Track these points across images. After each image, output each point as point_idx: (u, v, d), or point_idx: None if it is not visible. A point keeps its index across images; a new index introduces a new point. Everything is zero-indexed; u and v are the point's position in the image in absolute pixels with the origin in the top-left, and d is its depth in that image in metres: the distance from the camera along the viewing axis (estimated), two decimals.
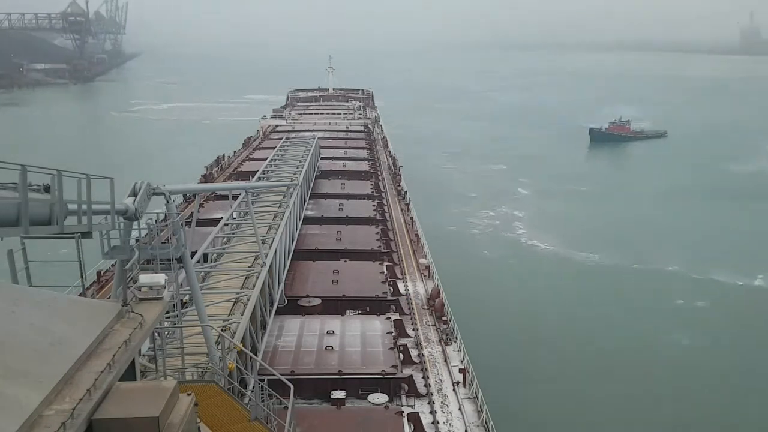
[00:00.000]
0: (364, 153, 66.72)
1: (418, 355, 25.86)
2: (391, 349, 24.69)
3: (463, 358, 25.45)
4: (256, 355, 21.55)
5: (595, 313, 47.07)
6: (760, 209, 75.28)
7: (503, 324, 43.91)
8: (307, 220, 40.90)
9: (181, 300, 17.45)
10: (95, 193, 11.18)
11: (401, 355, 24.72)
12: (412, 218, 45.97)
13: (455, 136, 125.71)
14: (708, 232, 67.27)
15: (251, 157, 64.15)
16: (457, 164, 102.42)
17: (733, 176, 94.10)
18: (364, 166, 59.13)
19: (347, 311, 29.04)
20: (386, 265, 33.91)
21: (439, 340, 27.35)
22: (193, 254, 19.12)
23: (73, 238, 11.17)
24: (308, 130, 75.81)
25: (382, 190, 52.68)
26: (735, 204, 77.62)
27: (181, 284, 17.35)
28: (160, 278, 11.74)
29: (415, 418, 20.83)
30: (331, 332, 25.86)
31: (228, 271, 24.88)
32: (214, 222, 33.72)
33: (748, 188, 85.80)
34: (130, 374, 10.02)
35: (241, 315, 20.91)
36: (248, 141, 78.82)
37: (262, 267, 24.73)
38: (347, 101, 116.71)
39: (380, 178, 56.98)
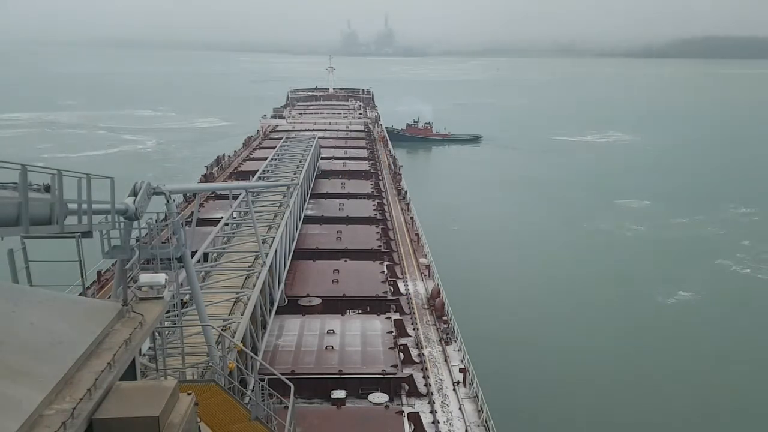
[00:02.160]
0: (364, 153, 66.81)
1: (419, 355, 25.85)
2: (391, 348, 24.70)
3: (464, 358, 25.46)
4: (256, 354, 21.55)
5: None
6: None
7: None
8: (308, 220, 40.92)
9: (182, 300, 17.43)
10: (95, 193, 11.15)
11: (401, 355, 24.73)
12: (412, 218, 46.00)
13: None
14: None
15: (251, 156, 64.37)
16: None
17: None
18: (364, 166, 59.17)
19: (347, 311, 29.07)
20: (386, 265, 33.95)
21: (440, 340, 27.35)
22: (193, 254, 19.12)
23: (73, 237, 11.13)
24: (308, 130, 75.96)
25: (383, 189, 52.71)
26: None
27: (182, 284, 17.34)
28: (161, 278, 11.73)
29: (415, 418, 20.84)
30: (331, 332, 25.87)
31: (228, 270, 24.87)
32: (214, 222, 33.76)
33: None
34: (130, 374, 10.00)
35: (242, 314, 20.90)
36: (248, 141, 78.94)
37: (262, 266, 24.73)
38: (347, 101, 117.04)
39: (380, 177, 57.04)
